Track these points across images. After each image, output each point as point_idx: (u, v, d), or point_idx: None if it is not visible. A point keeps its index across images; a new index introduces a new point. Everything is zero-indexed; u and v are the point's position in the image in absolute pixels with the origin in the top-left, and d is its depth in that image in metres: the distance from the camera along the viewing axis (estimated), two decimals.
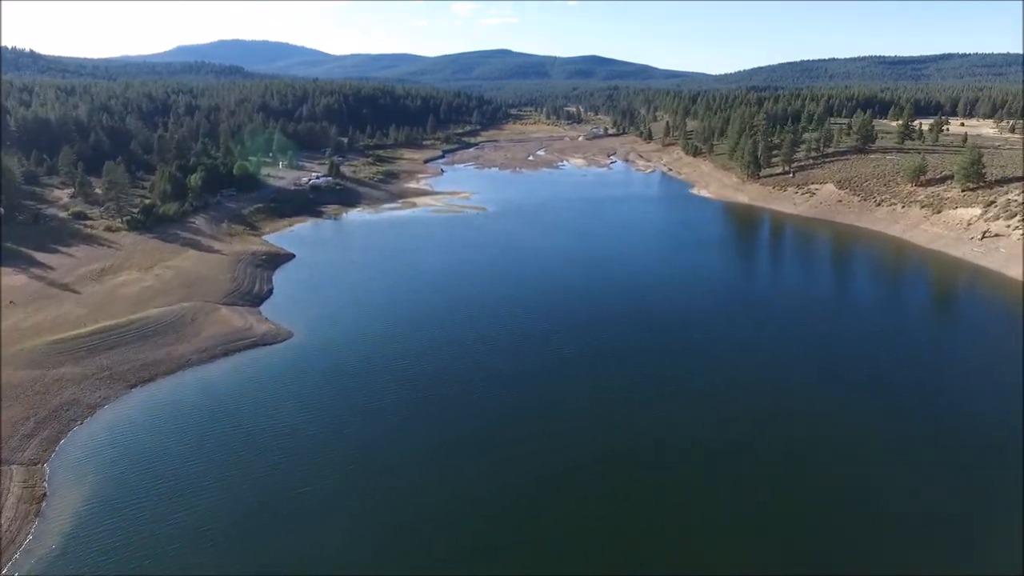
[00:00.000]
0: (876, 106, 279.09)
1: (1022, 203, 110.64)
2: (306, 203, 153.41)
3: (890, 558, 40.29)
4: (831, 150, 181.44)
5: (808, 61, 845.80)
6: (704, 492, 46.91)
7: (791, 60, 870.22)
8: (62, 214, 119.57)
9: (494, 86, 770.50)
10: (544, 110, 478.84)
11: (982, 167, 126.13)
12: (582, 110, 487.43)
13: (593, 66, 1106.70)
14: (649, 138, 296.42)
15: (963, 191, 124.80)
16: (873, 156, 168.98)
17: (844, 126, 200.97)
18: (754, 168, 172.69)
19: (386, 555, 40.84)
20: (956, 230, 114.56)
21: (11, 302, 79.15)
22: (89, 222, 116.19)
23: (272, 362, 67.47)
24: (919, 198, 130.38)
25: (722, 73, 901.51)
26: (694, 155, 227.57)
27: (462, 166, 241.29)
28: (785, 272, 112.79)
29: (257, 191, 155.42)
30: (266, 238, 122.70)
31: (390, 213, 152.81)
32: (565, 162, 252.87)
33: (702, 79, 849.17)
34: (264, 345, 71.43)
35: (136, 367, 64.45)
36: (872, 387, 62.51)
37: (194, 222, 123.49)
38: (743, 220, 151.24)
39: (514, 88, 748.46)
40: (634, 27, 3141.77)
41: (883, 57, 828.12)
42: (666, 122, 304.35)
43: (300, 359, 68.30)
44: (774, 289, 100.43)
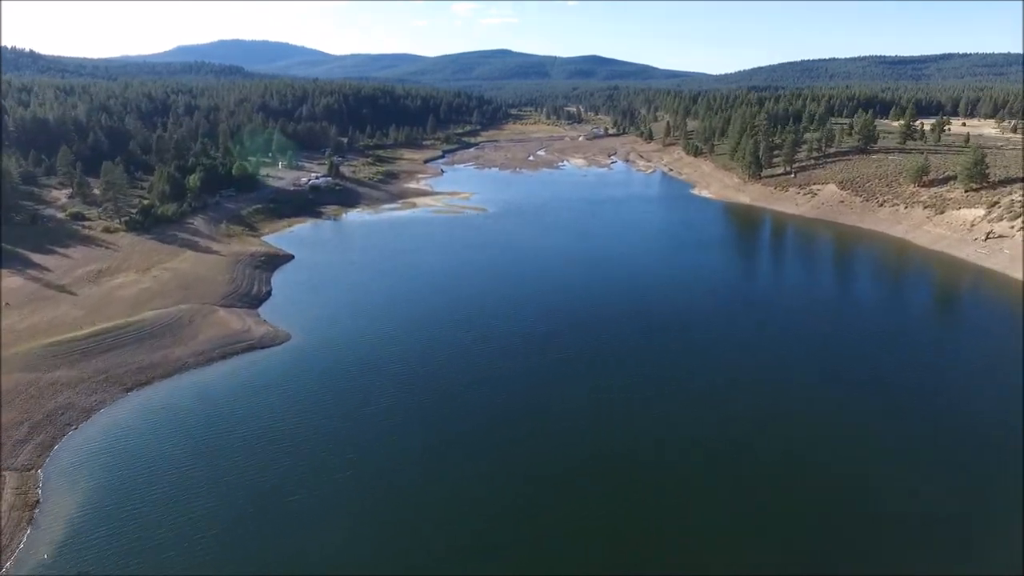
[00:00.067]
0: (877, 106, 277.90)
1: None
2: (305, 203, 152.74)
3: (889, 558, 40.20)
4: (833, 150, 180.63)
5: (808, 61, 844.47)
6: (704, 492, 46.81)
7: (791, 60, 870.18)
8: (60, 215, 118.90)
9: (494, 86, 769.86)
10: (544, 110, 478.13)
11: (985, 167, 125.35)
12: (582, 110, 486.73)
13: (593, 66, 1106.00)
14: (650, 138, 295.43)
15: (966, 192, 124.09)
16: (875, 156, 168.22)
17: (845, 126, 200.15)
18: (755, 168, 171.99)
19: (385, 554, 40.72)
20: (959, 231, 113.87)
21: (7, 304, 78.49)
22: (87, 223, 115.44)
23: (270, 365, 66.86)
24: (922, 199, 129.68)
25: (722, 73, 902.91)
26: (695, 155, 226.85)
27: (462, 166, 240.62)
28: (787, 273, 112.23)
29: (256, 191, 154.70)
30: (265, 239, 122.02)
31: (390, 213, 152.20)
32: (565, 162, 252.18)
33: (702, 79, 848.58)
34: (262, 348, 70.81)
35: (132, 370, 63.80)
36: (872, 387, 62.23)
37: (192, 223, 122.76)
38: (744, 221, 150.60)
39: (514, 88, 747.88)
40: (634, 27, 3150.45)
41: (883, 57, 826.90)
42: (667, 122, 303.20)
43: (298, 361, 67.73)
44: (775, 289, 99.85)
